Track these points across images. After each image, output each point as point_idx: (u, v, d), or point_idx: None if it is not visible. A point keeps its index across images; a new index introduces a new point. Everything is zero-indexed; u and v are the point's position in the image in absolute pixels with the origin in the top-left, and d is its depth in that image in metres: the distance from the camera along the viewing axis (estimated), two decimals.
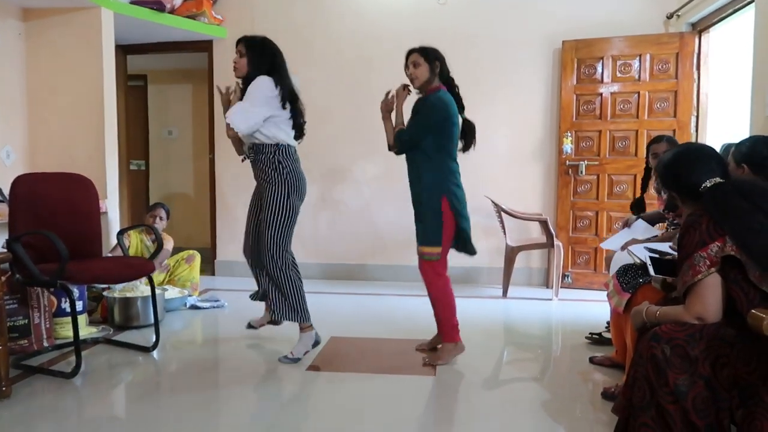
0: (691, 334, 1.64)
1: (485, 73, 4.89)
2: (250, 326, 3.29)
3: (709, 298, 1.67)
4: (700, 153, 1.90)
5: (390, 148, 3.04)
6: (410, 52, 2.96)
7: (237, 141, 3.04)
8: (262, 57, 2.93)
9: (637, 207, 3.42)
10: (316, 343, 3.01)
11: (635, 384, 1.69)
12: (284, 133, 2.94)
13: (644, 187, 3.43)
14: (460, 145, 2.97)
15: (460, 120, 2.95)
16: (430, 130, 2.85)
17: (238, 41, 2.99)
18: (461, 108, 2.98)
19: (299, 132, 3.05)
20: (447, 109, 2.84)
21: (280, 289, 2.93)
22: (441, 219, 2.82)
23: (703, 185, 1.77)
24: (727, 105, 4.38)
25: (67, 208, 3.05)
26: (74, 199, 3.11)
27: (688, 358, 1.61)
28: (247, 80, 2.93)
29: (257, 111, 2.82)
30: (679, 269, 1.76)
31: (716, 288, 1.67)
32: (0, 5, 3.98)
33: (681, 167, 1.87)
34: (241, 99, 2.91)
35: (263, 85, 2.85)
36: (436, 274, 2.89)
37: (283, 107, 2.90)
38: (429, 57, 2.90)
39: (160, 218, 4.30)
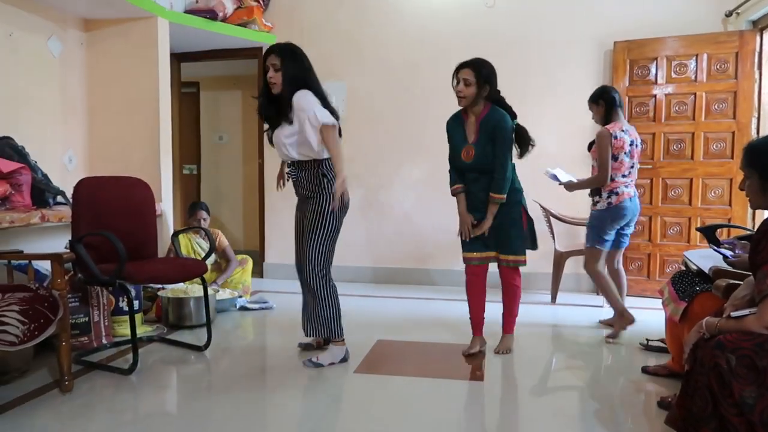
0: (760, 344, 1.56)
1: (534, 76, 4.83)
2: (305, 345, 3.19)
3: None
4: None
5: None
6: (462, 66, 2.90)
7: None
8: (296, 67, 2.81)
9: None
10: (344, 360, 2.95)
11: (696, 393, 1.63)
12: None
13: None
14: (514, 151, 3.04)
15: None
16: (510, 150, 2.95)
17: (268, 52, 2.83)
18: (513, 116, 3.00)
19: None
20: (510, 123, 2.93)
21: (318, 303, 2.90)
22: (522, 227, 3.02)
23: None
24: None
25: (125, 210, 3.16)
26: (132, 202, 3.22)
27: (756, 369, 1.53)
28: (276, 97, 2.83)
29: (313, 123, 2.75)
30: (755, 275, 1.69)
31: None
32: (63, 16, 4.17)
33: None
34: (271, 112, 2.88)
35: (310, 98, 2.77)
36: (519, 275, 3.14)
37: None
38: (481, 78, 2.86)
39: (204, 219, 4.42)
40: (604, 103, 3.46)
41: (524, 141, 3.01)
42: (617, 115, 3.44)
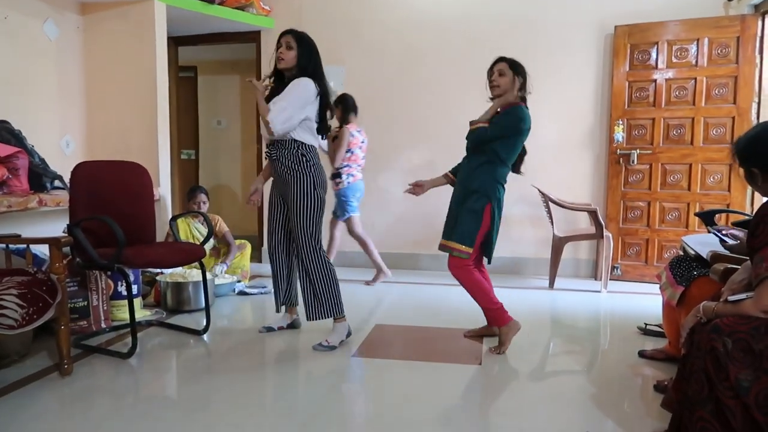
0: (756, 328, 1.57)
1: (534, 60, 4.74)
2: (267, 329, 3.25)
3: None
4: None
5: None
6: (498, 60, 2.99)
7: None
8: (311, 56, 2.90)
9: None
10: (349, 334, 3.04)
11: (692, 377, 1.64)
12: (312, 137, 2.97)
13: None
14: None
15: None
16: (507, 136, 2.89)
17: (286, 33, 2.93)
18: None
19: (324, 131, 3.04)
20: (528, 124, 2.92)
21: (315, 284, 2.93)
22: (480, 223, 2.89)
23: None
24: None
25: (123, 194, 3.15)
26: (130, 187, 3.21)
27: (752, 352, 1.54)
28: (288, 76, 2.91)
29: (296, 114, 2.83)
30: (752, 259, 1.69)
31: None
32: (60, 0, 4.13)
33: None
34: (275, 93, 2.90)
35: (307, 88, 2.84)
36: (461, 267, 2.94)
37: (320, 114, 2.94)
38: (517, 70, 2.96)
39: (203, 203, 4.41)
40: (341, 106, 4.29)
41: (521, 159, 3.07)
42: (353, 117, 4.35)
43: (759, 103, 4.31)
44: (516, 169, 3.05)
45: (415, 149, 5.13)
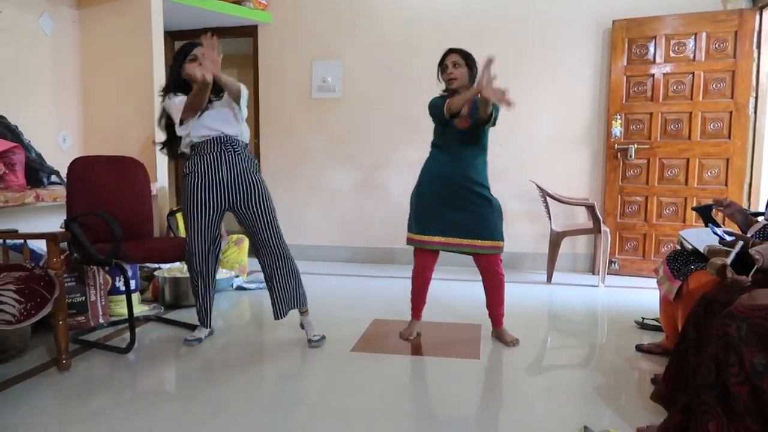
0: None
1: (532, 55, 4.80)
2: (197, 340, 3.00)
3: None
4: None
5: (453, 115, 2.77)
6: (449, 52, 2.92)
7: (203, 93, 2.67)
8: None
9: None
10: None
11: (701, 364, 1.63)
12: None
13: None
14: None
15: None
16: (490, 126, 2.81)
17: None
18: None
19: None
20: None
21: (288, 279, 2.90)
22: (501, 214, 2.90)
23: None
24: None
25: (120, 190, 3.15)
26: (127, 182, 3.21)
27: (767, 336, 1.54)
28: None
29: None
30: None
31: None
32: None
33: None
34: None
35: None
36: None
37: None
38: (470, 61, 2.89)
39: None
40: None
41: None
42: None
43: (756, 98, 4.31)
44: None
45: (411, 145, 5.12)
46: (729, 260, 1.92)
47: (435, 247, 2.95)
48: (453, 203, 2.87)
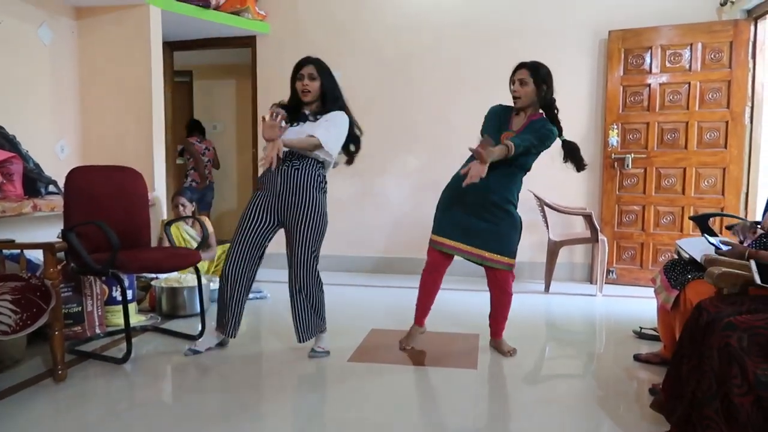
0: None
1: None
2: (194, 352, 2.95)
3: None
4: None
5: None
6: (519, 67, 2.87)
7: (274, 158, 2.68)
8: (336, 88, 2.95)
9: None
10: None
11: (702, 377, 1.62)
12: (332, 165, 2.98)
13: None
14: (571, 166, 3.04)
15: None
16: (538, 152, 2.86)
17: (306, 62, 2.88)
18: (560, 131, 2.97)
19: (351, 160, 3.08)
20: (555, 135, 2.88)
21: (313, 305, 2.86)
22: (520, 234, 2.92)
23: None
24: None
25: (118, 199, 3.14)
26: (125, 191, 3.20)
27: None
28: (312, 108, 2.92)
29: (340, 143, 2.87)
30: None
31: None
32: (55, 4, 4.13)
33: None
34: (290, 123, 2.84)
35: (346, 123, 2.91)
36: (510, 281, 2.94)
37: (351, 151, 3.01)
38: (538, 78, 2.84)
39: (183, 205, 4.33)
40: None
41: (576, 157, 2.97)
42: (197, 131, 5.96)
43: (752, 107, 4.34)
44: (579, 168, 3.08)
45: (410, 153, 5.14)
46: (757, 279, 1.88)
47: (445, 250, 2.93)
48: (475, 211, 2.85)
